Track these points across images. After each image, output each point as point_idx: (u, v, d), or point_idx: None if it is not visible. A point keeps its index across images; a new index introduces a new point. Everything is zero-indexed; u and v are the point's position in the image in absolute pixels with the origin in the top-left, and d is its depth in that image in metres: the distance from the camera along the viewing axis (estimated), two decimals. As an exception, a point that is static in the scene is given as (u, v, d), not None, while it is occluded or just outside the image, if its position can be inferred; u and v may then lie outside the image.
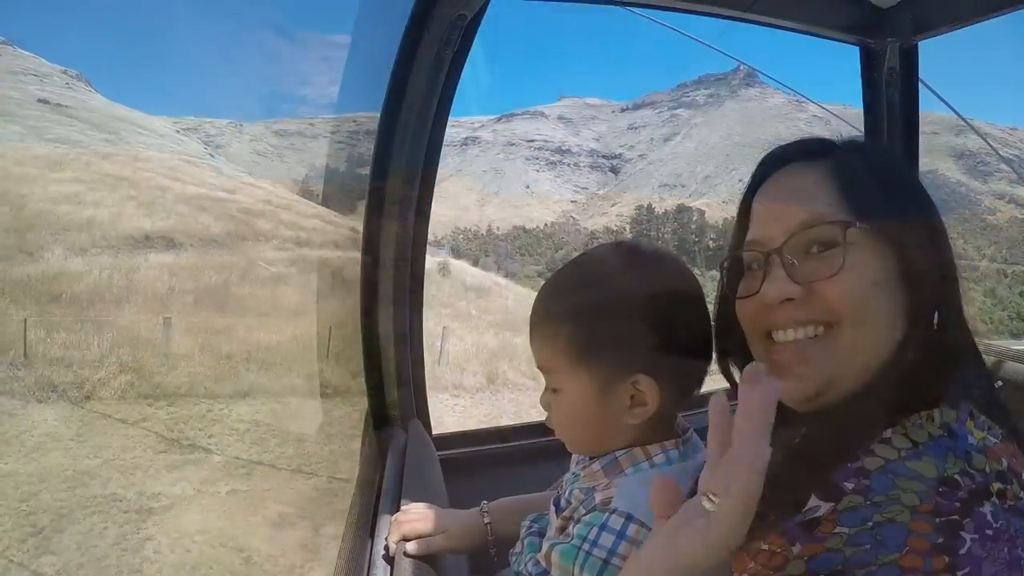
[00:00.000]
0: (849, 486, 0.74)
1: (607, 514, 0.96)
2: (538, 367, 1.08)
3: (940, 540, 0.65)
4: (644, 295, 0.99)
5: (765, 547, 0.76)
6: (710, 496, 0.60)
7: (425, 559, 1.28)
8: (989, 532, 0.66)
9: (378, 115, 1.90)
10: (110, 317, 22.42)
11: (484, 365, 24.48)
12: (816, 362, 0.83)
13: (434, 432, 2.20)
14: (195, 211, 41.22)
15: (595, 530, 0.96)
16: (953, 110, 2.76)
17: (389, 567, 1.27)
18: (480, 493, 1.44)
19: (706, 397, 0.72)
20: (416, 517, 1.34)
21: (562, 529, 1.07)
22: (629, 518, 0.94)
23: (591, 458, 1.08)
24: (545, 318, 1.05)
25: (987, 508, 0.67)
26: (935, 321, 0.87)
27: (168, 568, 10.47)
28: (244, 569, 10.65)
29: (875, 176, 0.90)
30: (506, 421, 13.33)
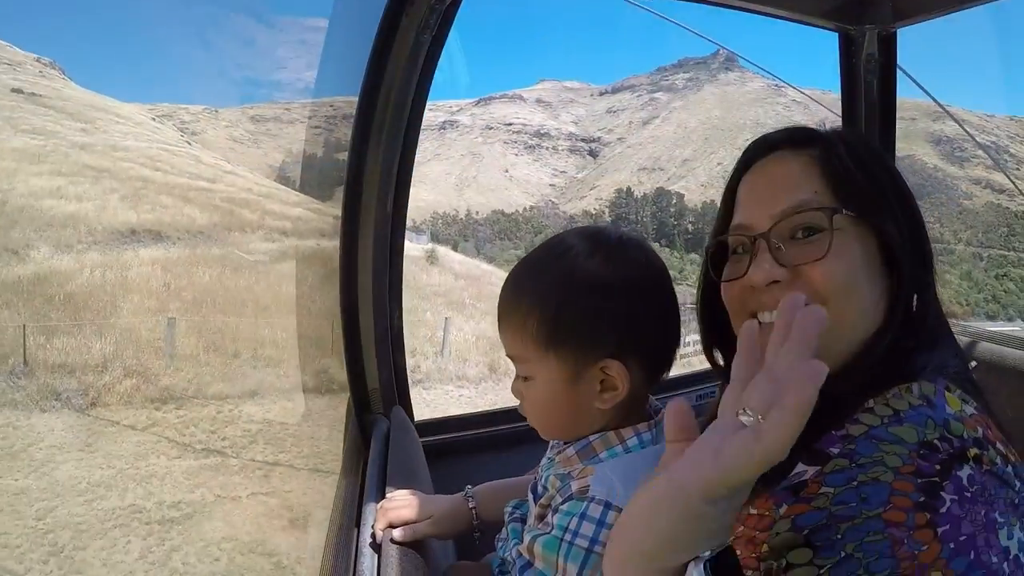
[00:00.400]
0: (835, 451, 0.76)
1: (586, 503, 0.97)
2: (508, 355, 1.08)
3: (922, 499, 0.68)
4: (611, 280, 1.00)
5: (754, 511, 0.79)
6: (748, 412, 0.58)
7: (412, 545, 1.28)
8: (967, 494, 0.69)
9: (356, 99, 1.88)
10: (108, 318, 21.95)
11: (485, 355, 24.44)
12: None
13: (416, 418, 2.20)
14: (180, 202, 40.55)
15: (575, 520, 0.97)
16: (931, 96, 2.78)
17: (376, 555, 1.27)
18: (464, 478, 1.45)
19: (674, 380, 0.73)
20: (401, 504, 1.34)
21: (540, 517, 1.08)
22: (607, 506, 0.95)
23: (565, 443, 1.09)
24: (513, 306, 1.05)
25: (965, 471, 0.70)
26: (914, 304, 0.91)
27: (199, 579, 10.22)
28: (276, 574, 10.55)
29: (859, 164, 0.92)
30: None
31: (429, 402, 19.12)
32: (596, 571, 0.94)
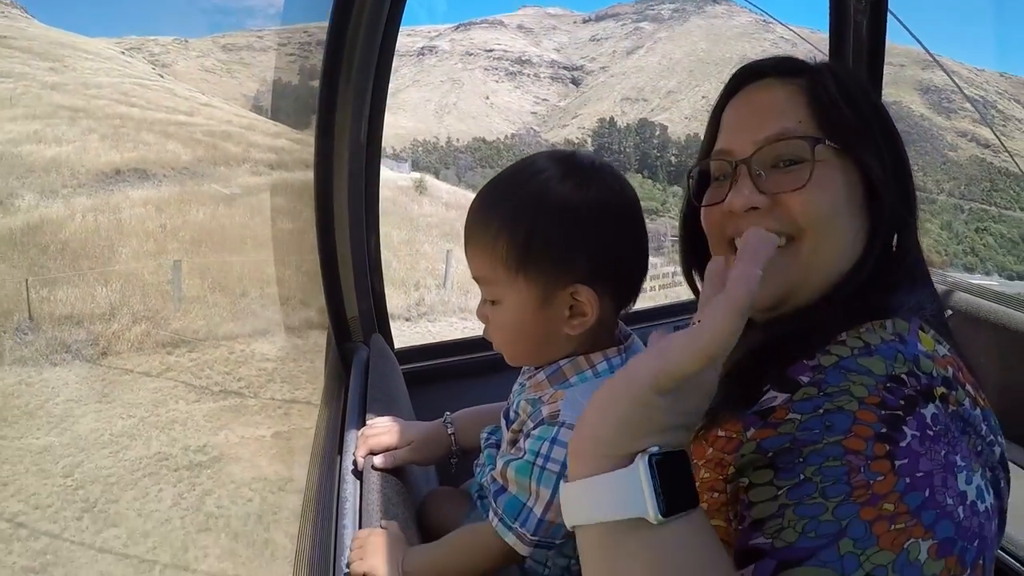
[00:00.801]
0: (805, 379, 0.77)
1: (557, 427, 0.99)
2: (474, 278, 1.07)
3: (883, 430, 0.69)
4: (583, 205, 0.99)
5: (722, 434, 0.80)
6: (696, 320, 0.62)
7: (392, 472, 1.31)
8: (930, 432, 0.69)
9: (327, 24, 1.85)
10: (109, 265, 21.30)
11: (485, 285, 24.21)
12: (777, 271, 0.85)
13: (396, 346, 2.21)
14: (161, 139, 39.17)
15: (546, 444, 0.98)
16: (921, 44, 2.75)
17: (358, 481, 1.29)
18: (445, 405, 1.47)
19: (639, 313, 0.75)
20: (381, 431, 1.36)
21: (513, 442, 1.09)
22: None
23: (537, 368, 1.10)
24: (482, 228, 1.03)
25: (929, 409, 0.71)
26: (894, 243, 0.92)
27: (236, 520, 10.19)
28: (311, 510, 10.61)
29: (846, 98, 0.91)
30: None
31: (436, 334, 18.97)
32: None
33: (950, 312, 2.54)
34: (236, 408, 13.89)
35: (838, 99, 0.91)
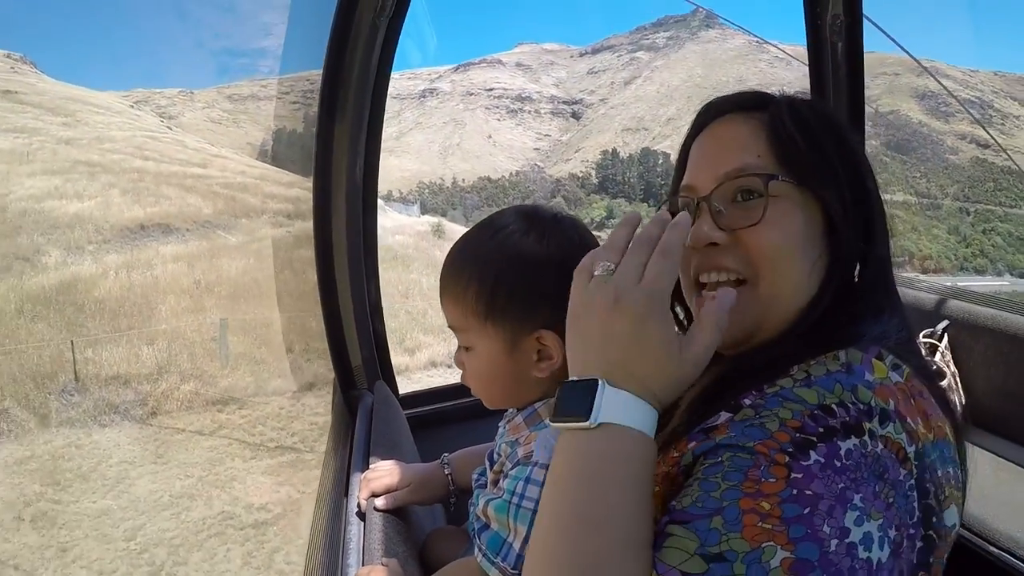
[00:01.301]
0: (747, 402, 0.80)
1: (530, 467, 1.03)
2: (449, 326, 1.13)
3: (790, 448, 0.71)
4: (544, 256, 1.06)
5: (675, 453, 0.82)
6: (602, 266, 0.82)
7: (394, 512, 1.35)
8: (836, 463, 0.70)
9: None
10: (149, 323, 21.43)
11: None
12: (737, 311, 0.85)
13: (400, 392, 2.25)
14: (180, 192, 39.68)
15: (521, 483, 1.03)
16: (906, 51, 2.81)
17: (362, 522, 1.33)
18: (448, 446, 1.50)
19: None
20: (383, 474, 1.41)
21: (495, 483, 1.15)
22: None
23: (517, 410, 1.15)
24: (454, 279, 1.11)
25: (847, 443, 0.72)
26: (856, 273, 0.94)
27: (308, 575, 10.15)
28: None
29: (804, 130, 0.93)
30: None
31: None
32: None
33: (946, 323, 2.55)
34: (294, 463, 13.83)
35: (795, 133, 0.92)
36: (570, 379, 0.80)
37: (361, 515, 1.36)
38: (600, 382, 0.75)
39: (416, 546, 1.35)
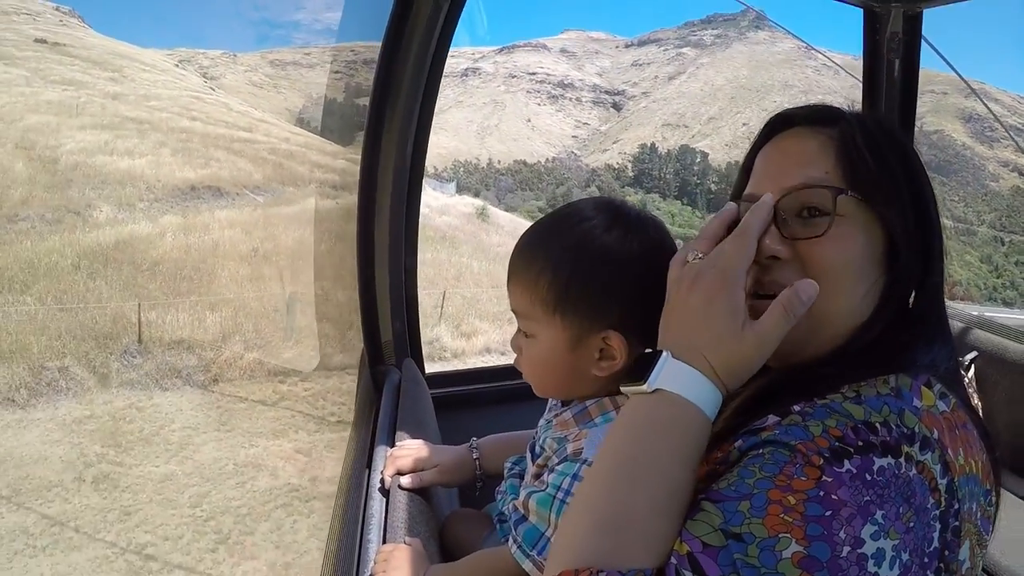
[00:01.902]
0: (796, 408, 0.81)
1: (578, 464, 1.04)
2: (513, 310, 1.13)
3: (827, 453, 0.72)
4: (624, 256, 1.04)
5: (719, 454, 0.83)
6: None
7: (418, 491, 1.36)
8: (867, 476, 0.71)
9: (378, 45, 1.91)
10: (211, 289, 21.29)
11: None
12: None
13: (427, 371, 2.26)
14: (229, 156, 39.66)
15: (568, 480, 1.03)
16: (957, 73, 2.74)
17: (384, 499, 1.35)
18: (471, 430, 1.51)
19: None
20: (409, 452, 1.42)
21: (537, 476, 1.15)
22: None
23: (563, 405, 1.16)
24: (526, 265, 1.09)
25: (883, 461, 0.73)
26: (911, 299, 0.93)
27: (374, 548, 10.07)
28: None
29: (874, 149, 0.92)
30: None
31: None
32: None
33: (975, 354, 2.52)
34: (356, 438, 13.80)
35: (865, 152, 0.91)
36: (645, 351, 0.88)
37: (384, 492, 1.37)
38: (664, 352, 0.82)
39: (436, 527, 1.36)
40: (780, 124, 1.01)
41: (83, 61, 63.07)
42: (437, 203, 48.00)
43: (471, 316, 24.23)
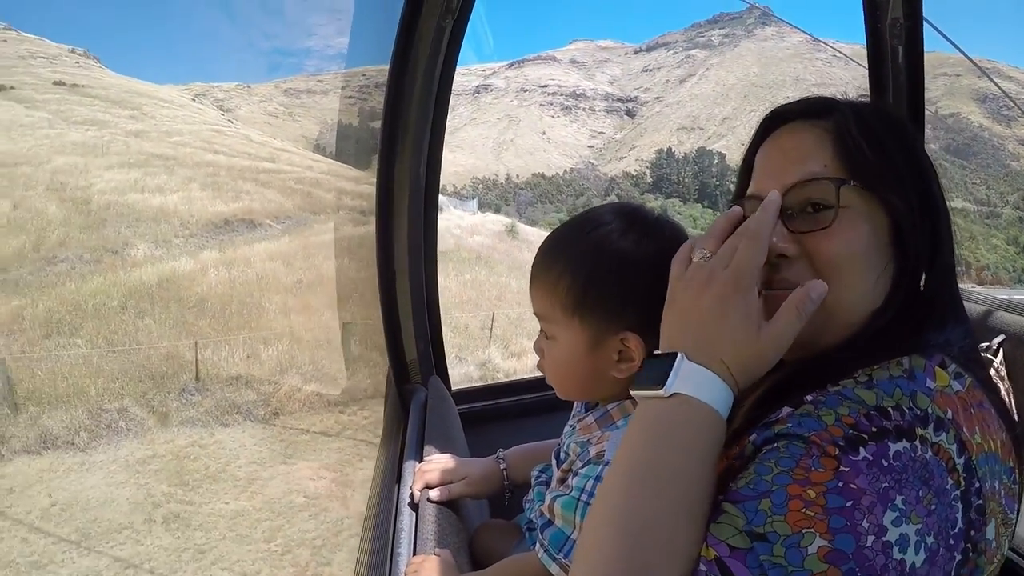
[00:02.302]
0: (809, 398, 0.81)
1: (601, 466, 1.05)
2: (535, 313, 1.15)
3: (841, 442, 0.73)
4: (640, 259, 1.06)
5: (736, 448, 0.84)
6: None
7: (447, 504, 1.38)
8: (884, 463, 0.72)
9: (387, 67, 1.93)
10: (260, 322, 21.27)
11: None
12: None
13: (453, 388, 2.28)
14: (258, 187, 39.73)
15: (591, 482, 1.05)
16: (965, 55, 2.72)
17: (414, 513, 1.37)
18: (499, 443, 1.53)
19: None
20: (437, 466, 1.44)
21: (562, 481, 1.16)
22: None
23: (586, 411, 1.17)
24: (546, 268, 1.12)
25: (898, 446, 0.73)
26: (921, 283, 0.93)
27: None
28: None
29: (873, 139, 0.92)
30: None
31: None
32: None
33: (1003, 337, 2.48)
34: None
35: (861, 140, 0.91)
36: (654, 352, 0.87)
37: (414, 506, 1.39)
38: (679, 355, 0.81)
39: (466, 539, 1.37)
40: (775, 121, 1.02)
41: (102, 101, 63.64)
42: (464, 223, 47.42)
43: (519, 335, 24.03)
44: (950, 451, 0.75)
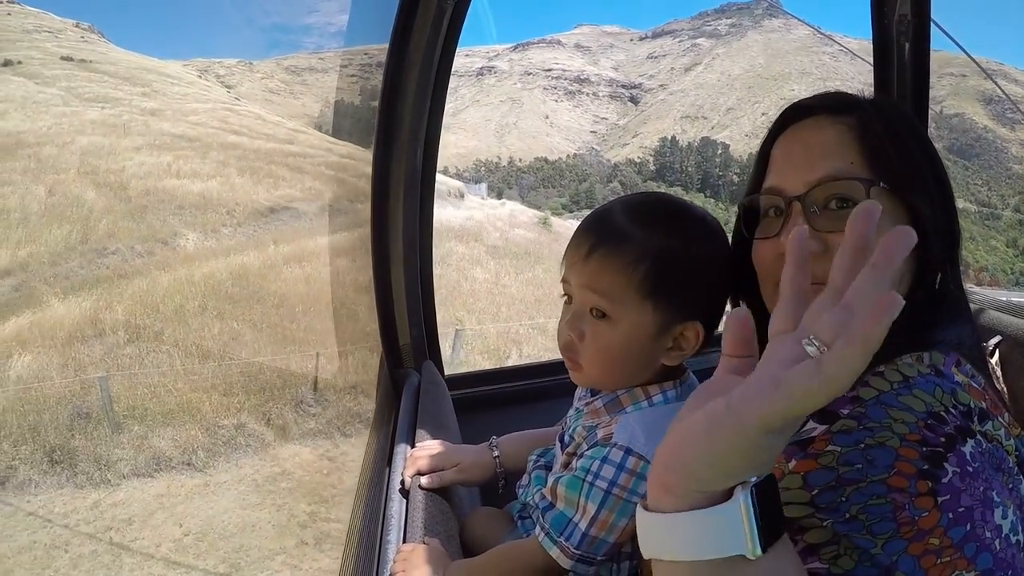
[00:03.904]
0: (844, 411, 0.78)
1: (608, 448, 1.04)
2: (584, 285, 1.08)
3: (925, 467, 0.71)
4: (715, 254, 1.08)
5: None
6: (813, 340, 0.56)
7: (438, 491, 1.37)
8: (969, 469, 0.71)
9: (387, 47, 1.91)
10: (358, 326, 19.30)
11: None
12: None
13: (446, 373, 2.26)
14: (293, 173, 38.18)
15: (597, 463, 1.03)
16: (969, 56, 2.70)
17: (404, 500, 1.35)
18: (490, 430, 1.52)
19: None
20: (429, 452, 1.43)
21: (566, 464, 1.15)
22: (628, 451, 1.01)
23: (593, 395, 1.16)
24: (623, 244, 1.05)
25: (968, 447, 0.73)
26: (937, 282, 0.93)
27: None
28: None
29: (895, 137, 0.92)
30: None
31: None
32: (613, 511, 1.01)
33: (999, 338, 2.48)
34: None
35: (885, 140, 0.91)
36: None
37: (404, 492, 1.38)
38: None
39: (457, 526, 1.36)
40: (796, 113, 1.01)
41: (112, 77, 62.44)
42: (498, 212, 46.60)
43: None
44: (998, 436, 0.77)
